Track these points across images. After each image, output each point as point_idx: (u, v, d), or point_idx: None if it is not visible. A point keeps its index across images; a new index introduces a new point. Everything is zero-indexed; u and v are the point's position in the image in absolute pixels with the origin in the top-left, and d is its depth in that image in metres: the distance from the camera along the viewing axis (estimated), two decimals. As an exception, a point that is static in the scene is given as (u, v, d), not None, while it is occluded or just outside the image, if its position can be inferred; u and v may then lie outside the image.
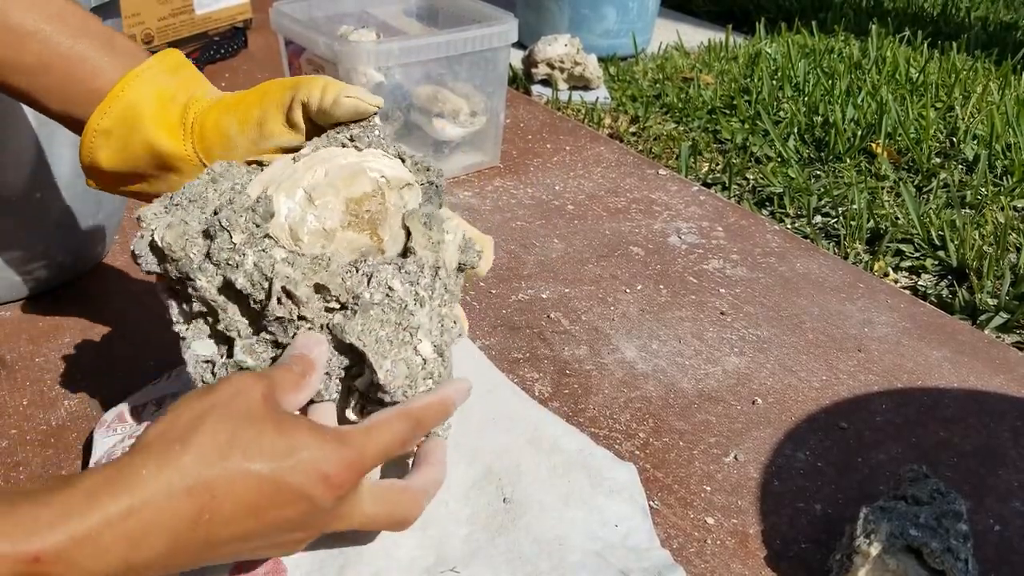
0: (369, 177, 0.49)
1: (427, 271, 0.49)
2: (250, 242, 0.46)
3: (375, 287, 0.47)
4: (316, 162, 0.49)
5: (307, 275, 0.46)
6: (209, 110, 0.53)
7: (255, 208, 0.47)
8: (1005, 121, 1.18)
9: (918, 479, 0.52)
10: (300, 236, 0.47)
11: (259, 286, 0.46)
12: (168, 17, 1.33)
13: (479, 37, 0.94)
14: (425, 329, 0.48)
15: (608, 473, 0.56)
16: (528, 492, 0.54)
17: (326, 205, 0.48)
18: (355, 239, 0.48)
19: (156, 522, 0.36)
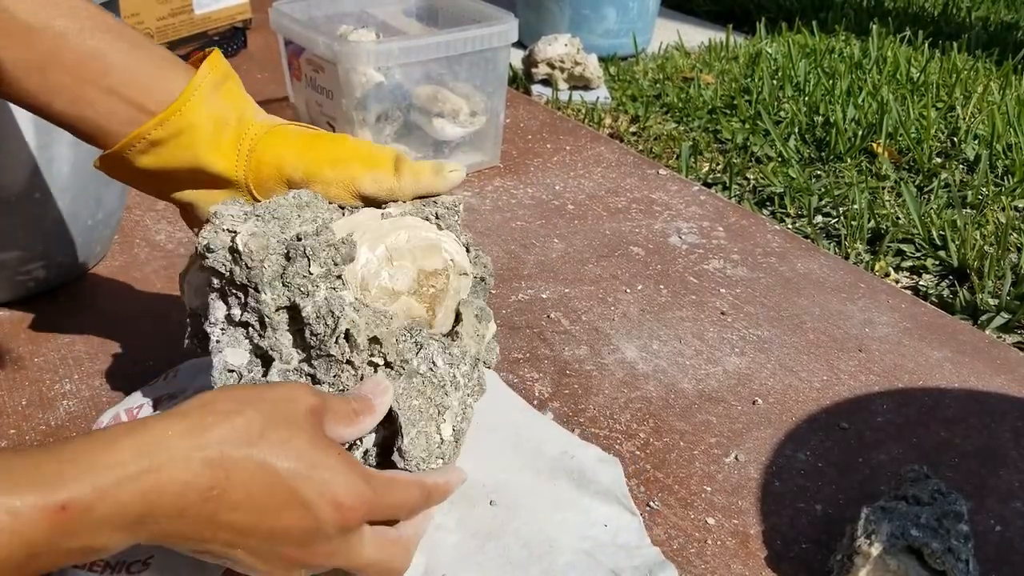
0: (443, 256, 0.52)
1: (468, 359, 0.51)
2: (326, 276, 0.48)
3: (423, 358, 0.49)
4: (401, 226, 0.52)
5: (369, 325, 0.47)
6: (267, 142, 0.53)
7: (339, 247, 0.48)
8: (1006, 121, 1.18)
9: (919, 479, 0.52)
10: (370, 288, 0.49)
11: (323, 321, 0.47)
12: (167, 17, 1.33)
13: (479, 37, 0.94)
14: (452, 412, 0.49)
15: (592, 476, 0.56)
16: (515, 496, 0.54)
17: (401, 268, 0.50)
18: (413, 307, 0.50)
19: (170, 484, 0.37)
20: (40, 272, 0.75)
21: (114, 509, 0.36)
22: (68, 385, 0.66)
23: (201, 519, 0.38)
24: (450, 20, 1.04)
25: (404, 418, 0.47)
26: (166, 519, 0.38)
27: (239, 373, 0.49)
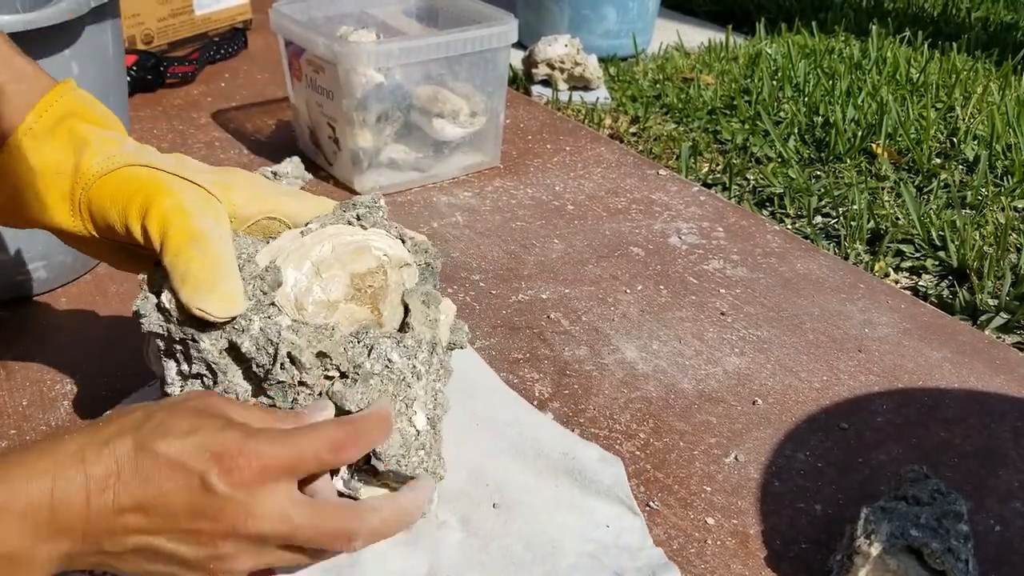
0: (373, 255, 0.52)
1: (424, 347, 0.51)
2: (257, 308, 0.48)
3: (375, 358, 0.49)
4: (323, 237, 0.52)
5: (311, 343, 0.48)
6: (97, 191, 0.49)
7: (263, 276, 0.49)
8: (1005, 121, 1.18)
9: (919, 479, 0.52)
10: (305, 306, 0.49)
11: (264, 351, 0.47)
12: (168, 17, 1.33)
13: (479, 37, 0.94)
14: (421, 402, 0.49)
15: (594, 476, 0.56)
16: (517, 497, 0.54)
17: (332, 278, 0.50)
18: (356, 312, 0.51)
19: (71, 476, 0.39)
20: (41, 272, 0.75)
21: (26, 507, 0.38)
22: (68, 386, 0.66)
23: (106, 511, 0.40)
24: (450, 21, 1.04)
25: None
26: (76, 510, 0.39)
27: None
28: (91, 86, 0.70)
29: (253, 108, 1.19)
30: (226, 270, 0.47)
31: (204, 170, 0.52)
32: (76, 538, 0.40)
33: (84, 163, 0.49)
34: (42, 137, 0.48)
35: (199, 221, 0.48)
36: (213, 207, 0.50)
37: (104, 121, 0.51)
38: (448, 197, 0.97)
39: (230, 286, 0.47)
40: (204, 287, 0.46)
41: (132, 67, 1.19)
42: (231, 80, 1.29)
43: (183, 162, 0.51)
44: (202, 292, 0.46)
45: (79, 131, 0.49)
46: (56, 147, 0.49)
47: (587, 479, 0.55)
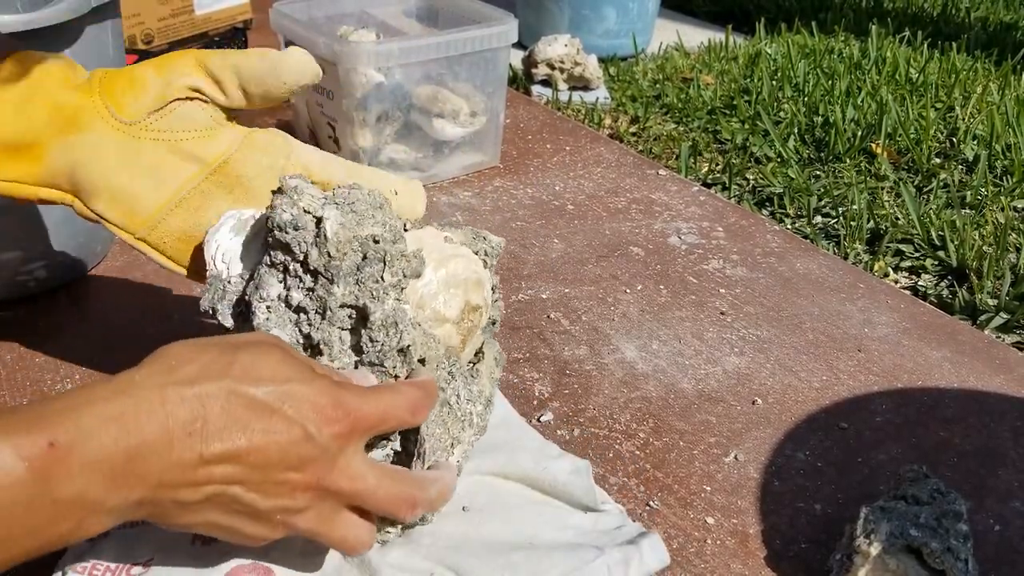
0: (483, 294, 0.52)
1: (483, 400, 0.51)
2: (395, 286, 0.47)
3: (453, 391, 0.49)
4: (460, 254, 0.51)
5: (423, 346, 0.48)
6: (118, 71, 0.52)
7: (411, 260, 0.48)
8: (1005, 121, 1.19)
9: (918, 479, 0.52)
10: (424, 308, 0.49)
11: (386, 330, 0.46)
12: (168, 17, 1.33)
13: (479, 37, 0.94)
14: (461, 448, 0.50)
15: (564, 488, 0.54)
16: (488, 501, 0.53)
17: (455, 296, 0.50)
18: (452, 337, 0.50)
19: (150, 419, 0.37)
20: (40, 272, 0.75)
21: (99, 451, 0.36)
22: (69, 385, 0.66)
23: (189, 458, 0.38)
24: (450, 20, 1.05)
25: (429, 445, 0.47)
26: (155, 458, 0.37)
27: None
28: (91, 86, 0.71)
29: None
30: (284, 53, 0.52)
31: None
32: (150, 486, 0.37)
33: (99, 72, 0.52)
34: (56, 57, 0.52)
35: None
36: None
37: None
38: (448, 197, 0.98)
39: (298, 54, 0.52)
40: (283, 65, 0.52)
41: (132, 67, 1.18)
42: (231, 80, 1.29)
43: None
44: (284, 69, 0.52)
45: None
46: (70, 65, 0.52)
47: (557, 491, 0.54)
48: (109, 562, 0.49)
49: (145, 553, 0.49)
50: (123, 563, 0.49)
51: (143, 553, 0.49)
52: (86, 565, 0.48)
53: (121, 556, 0.49)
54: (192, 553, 0.49)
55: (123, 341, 0.71)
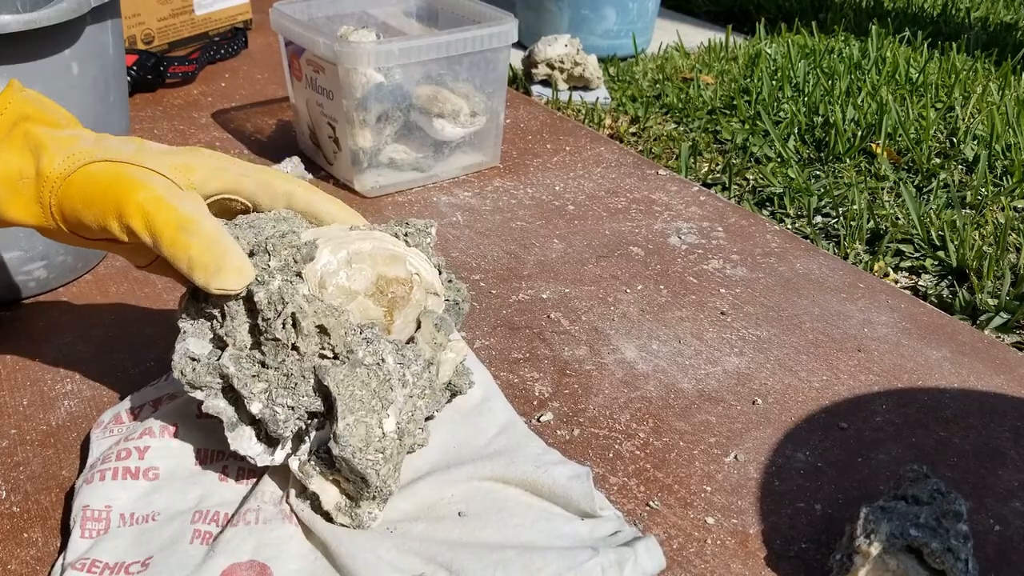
0: (406, 268, 0.54)
1: (420, 361, 0.52)
2: (283, 269, 0.51)
3: (370, 352, 0.50)
4: (368, 236, 0.54)
5: (317, 314, 0.50)
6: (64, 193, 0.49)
7: (299, 247, 0.52)
8: (1005, 121, 1.19)
9: (918, 479, 0.52)
10: (326, 285, 0.52)
11: (273, 307, 0.49)
12: (168, 17, 1.33)
13: (479, 37, 0.94)
14: (396, 407, 0.50)
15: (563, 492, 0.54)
16: (484, 507, 0.53)
17: (360, 271, 0.52)
18: (370, 309, 0.53)
19: None
20: (40, 272, 0.75)
21: None
22: (69, 385, 0.66)
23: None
24: (450, 21, 1.05)
25: (342, 403, 0.48)
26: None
27: (198, 360, 0.51)
28: (91, 86, 0.71)
29: (253, 108, 1.19)
30: (225, 245, 0.48)
31: (165, 151, 0.52)
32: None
33: (44, 167, 0.48)
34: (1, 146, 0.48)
35: (179, 204, 0.48)
36: (180, 189, 0.50)
37: (56, 120, 0.51)
38: (448, 197, 0.98)
39: (233, 260, 0.48)
40: (211, 268, 0.48)
41: (132, 67, 1.19)
42: (231, 80, 1.29)
43: (143, 147, 0.51)
44: (211, 274, 0.48)
45: (34, 135, 0.49)
46: (14, 154, 0.49)
47: (556, 496, 0.54)
48: (108, 560, 0.49)
49: (144, 552, 0.49)
50: (122, 561, 0.49)
51: (142, 552, 0.49)
52: (85, 562, 0.48)
53: (120, 554, 0.49)
54: (189, 552, 0.49)
55: (123, 341, 0.71)
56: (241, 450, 0.51)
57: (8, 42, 0.63)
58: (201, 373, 0.51)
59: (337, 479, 0.50)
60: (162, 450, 0.55)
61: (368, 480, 0.49)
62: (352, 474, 0.49)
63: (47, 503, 0.56)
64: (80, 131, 0.51)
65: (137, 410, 0.60)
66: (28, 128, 0.49)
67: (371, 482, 0.49)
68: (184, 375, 0.51)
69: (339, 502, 0.51)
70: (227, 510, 0.52)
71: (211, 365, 0.51)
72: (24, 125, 0.49)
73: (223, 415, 0.51)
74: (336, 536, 0.49)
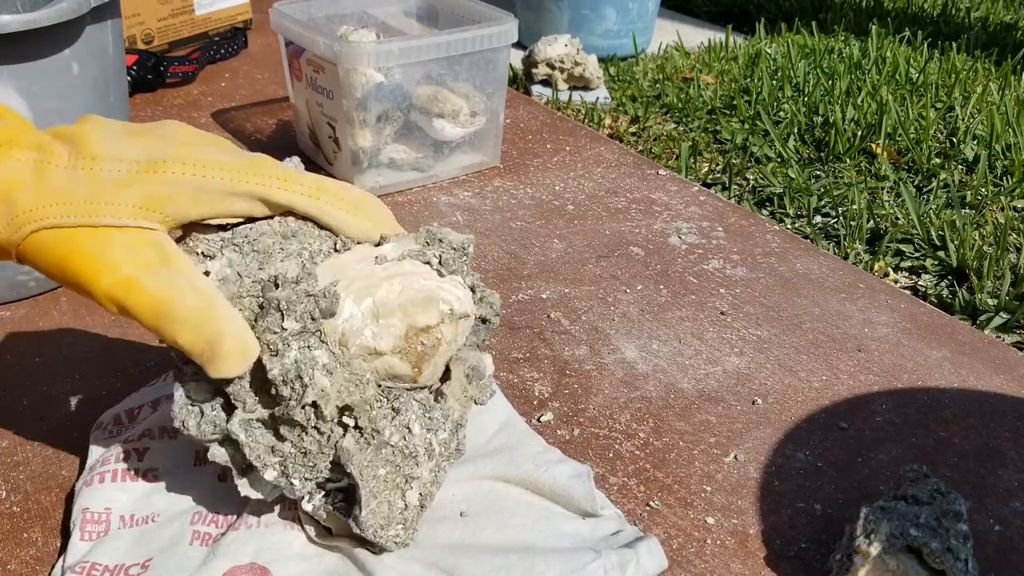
0: (439, 309, 0.47)
1: (449, 424, 0.48)
2: (299, 333, 0.44)
3: (396, 425, 0.46)
4: (396, 273, 0.47)
5: (341, 394, 0.44)
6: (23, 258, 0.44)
7: (319, 300, 0.44)
8: (1005, 121, 1.18)
9: (918, 479, 0.52)
10: (349, 346, 0.45)
11: (291, 385, 0.43)
12: (168, 17, 1.33)
13: (479, 37, 0.94)
14: (420, 482, 0.47)
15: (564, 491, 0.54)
16: (486, 507, 0.53)
17: (388, 326, 0.46)
18: (397, 366, 0.46)
19: None
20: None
21: None
22: (69, 385, 0.66)
23: None
24: (450, 20, 1.05)
25: (365, 490, 0.45)
26: None
27: (200, 410, 0.46)
28: (91, 86, 0.71)
29: (253, 108, 1.19)
30: (215, 325, 0.42)
31: (123, 181, 0.43)
32: None
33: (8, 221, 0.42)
34: None
35: (150, 283, 0.42)
36: (151, 244, 0.43)
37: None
38: (448, 197, 0.98)
39: (229, 344, 0.42)
40: (206, 356, 0.43)
41: (132, 67, 1.19)
42: (231, 80, 1.29)
43: (95, 180, 0.43)
44: (207, 361, 0.43)
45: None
46: None
47: (557, 494, 0.54)
48: (107, 562, 0.49)
49: (143, 554, 0.49)
50: (121, 563, 0.49)
51: (141, 554, 0.49)
52: (85, 565, 0.48)
53: (119, 557, 0.49)
54: (189, 554, 0.49)
55: (123, 341, 0.71)
56: (251, 495, 0.47)
57: (8, 42, 0.63)
58: (206, 430, 0.46)
59: (349, 533, 0.49)
60: (161, 451, 0.55)
61: (387, 550, 0.48)
62: (370, 544, 0.48)
63: (47, 503, 0.56)
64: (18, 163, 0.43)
65: (136, 410, 0.60)
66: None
67: (389, 551, 0.48)
68: (186, 427, 0.46)
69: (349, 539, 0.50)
70: (227, 511, 0.52)
71: (215, 423, 0.46)
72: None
73: (231, 463, 0.47)
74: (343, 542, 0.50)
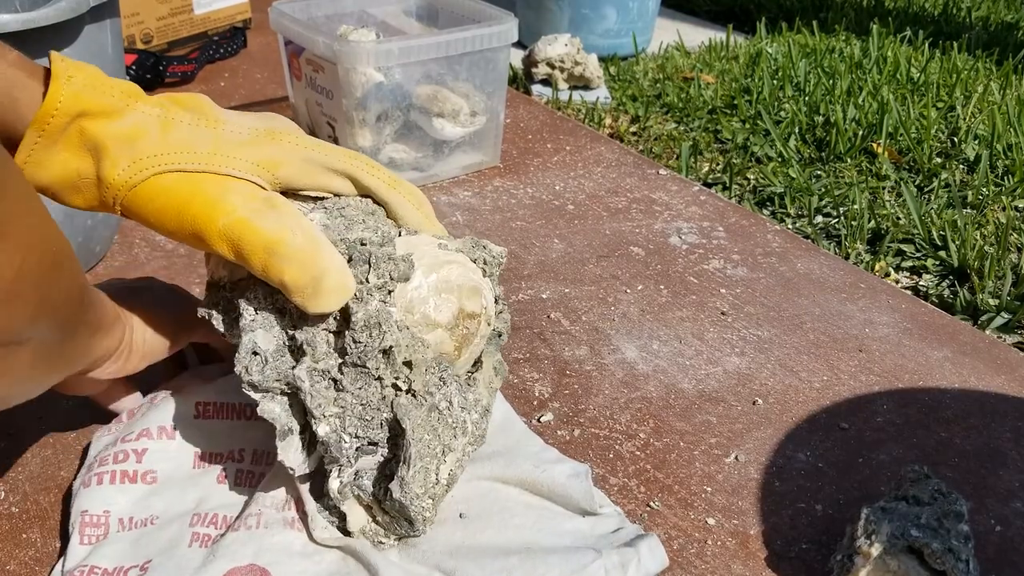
0: (481, 302, 0.52)
1: (479, 408, 0.51)
2: (380, 288, 0.47)
3: (444, 395, 0.49)
4: (454, 260, 0.51)
5: (408, 348, 0.47)
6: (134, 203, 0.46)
7: (398, 263, 0.48)
8: (1006, 121, 1.18)
9: (919, 479, 0.52)
10: (413, 312, 0.49)
11: (369, 331, 0.46)
12: (167, 17, 1.33)
13: (479, 37, 0.94)
14: (454, 456, 0.49)
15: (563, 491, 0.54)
16: (486, 507, 0.53)
17: (447, 302, 0.50)
18: (445, 343, 0.50)
19: None
20: (40, 272, 0.75)
21: None
22: (68, 385, 0.66)
23: None
24: (450, 20, 1.04)
25: (415, 449, 0.46)
26: None
27: (264, 358, 0.47)
28: (90, 85, 0.70)
29: (253, 107, 1.19)
30: (321, 264, 0.45)
31: (244, 142, 0.47)
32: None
33: (106, 173, 0.45)
34: (50, 148, 0.44)
35: (263, 225, 0.45)
36: (263, 196, 0.46)
37: (113, 106, 0.45)
38: (448, 197, 0.97)
39: (332, 280, 0.45)
40: (309, 291, 0.45)
41: (132, 66, 1.19)
42: (231, 79, 1.29)
43: (219, 137, 0.46)
44: (308, 297, 0.45)
45: (90, 133, 0.44)
46: (70, 155, 0.45)
47: (556, 494, 0.54)
48: (107, 565, 0.48)
49: (142, 556, 0.49)
50: (121, 566, 0.49)
51: (140, 556, 0.49)
52: (84, 569, 0.48)
53: (119, 559, 0.49)
54: (188, 556, 0.49)
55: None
56: (287, 460, 0.48)
57: (7, 41, 0.63)
58: (269, 376, 0.47)
59: (372, 506, 0.49)
60: (160, 452, 0.55)
61: (415, 524, 0.48)
62: (400, 514, 0.48)
63: (46, 503, 0.56)
64: (143, 115, 0.46)
65: (137, 410, 0.59)
66: (84, 125, 0.44)
67: (416, 526, 0.48)
68: (248, 373, 0.46)
69: (364, 526, 0.50)
70: (226, 512, 0.52)
71: (280, 370, 0.47)
72: (79, 122, 0.44)
73: (277, 422, 0.48)
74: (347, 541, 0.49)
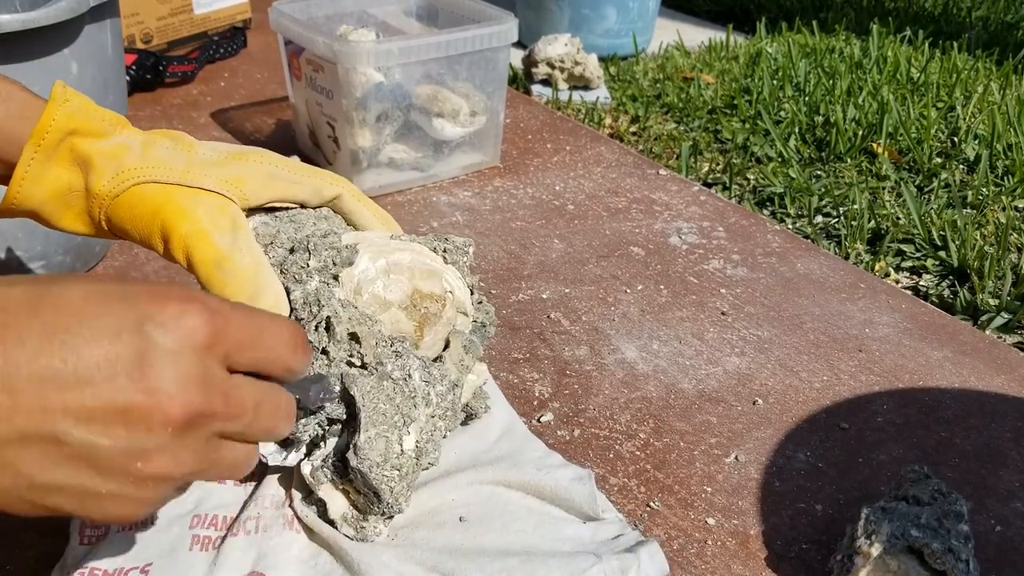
0: (442, 285, 0.53)
1: (446, 382, 0.52)
2: (320, 271, 0.51)
3: (398, 367, 0.50)
4: (408, 248, 0.54)
5: (352, 320, 0.49)
6: (116, 214, 0.50)
7: (340, 249, 0.51)
8: (1006, 121, 1.18)
9: (919, 479, 0.52)
10: (362, 293, 0.51)
11: (308, 308, 0.49)
12: (167, 17, 1.33)
13: (479, 37, 0.94)
14: (418, 426, 0.50)
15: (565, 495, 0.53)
16: (487, 511, 0.52)
17: (397, 282, 0.52)
18: (402, 322, 0.52)
19: None
20: (40, 272, 0.75)
21: None
22: (68, 385, 0.66)
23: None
24: (450, 20, 1.04)
25: (366, 415, 0.48)
26: None
27: None
28: (90, 85, 0.71)
29: (253, 107, 1.19)
30: (259, 283, 0.49)
31: (214, 162, 0.51)
32: None
33: (93, 184, 0.49)
34: (46, 163, 0.48)
35: (219, 240, 0.49)
36: (228, 213, 0.50)
37: (101, 129, 0.50)
38: (448, 197, 0.97)
39: (267, 299, 0.49)
40: None
41: (131, 66, 1.18)
42: (230, 79, 1.29)
43: (193, 158, 0.50)
44: None
45: (80, 150, 0.49)
46: (62, 170, 0.49)
47: (559, 498, 0.53)
48: (107, 566, 0.48)
49: (143, 558, 0.49)
50: (121, 567, 0.48)
51: (141, 558, 0.49)
52: (83, 571, 0.48)
53: (119, 560, 0.49)
54: (190, 560, 0.49)
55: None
56: (260, 449, 0.49)
57: (7, 41, 0.63)
58: None
59: (347, 489, 0.50)
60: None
61: (381, 496, 0.48)
62: (365, 488, 0.48)
63: (46, 504, 0.56)
64: (127, 138, 0.50)
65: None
66: (74, 143, 0.49)
67: (383, 498, 0.48)
68: None
69: (346, 512, 0.50)
70: (226, 513, 0.52)
71: None
72: (71, 140, 0.49)
73: None
74: (340, 542, 0.49)
